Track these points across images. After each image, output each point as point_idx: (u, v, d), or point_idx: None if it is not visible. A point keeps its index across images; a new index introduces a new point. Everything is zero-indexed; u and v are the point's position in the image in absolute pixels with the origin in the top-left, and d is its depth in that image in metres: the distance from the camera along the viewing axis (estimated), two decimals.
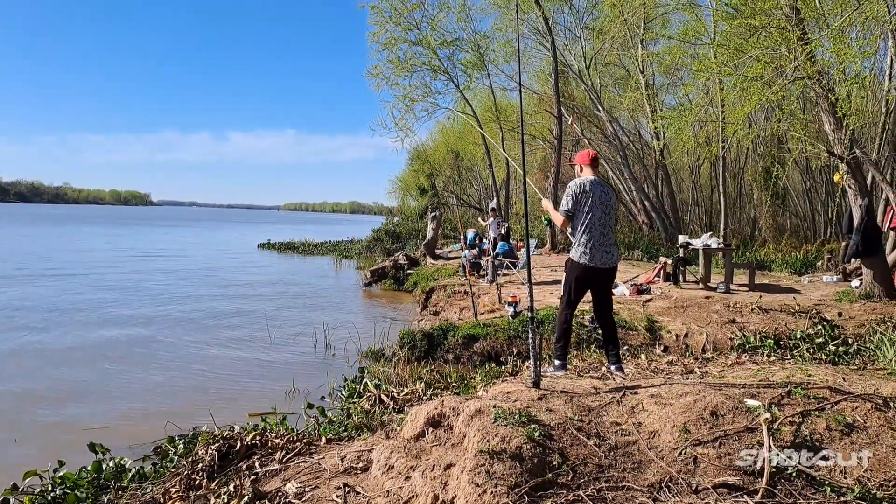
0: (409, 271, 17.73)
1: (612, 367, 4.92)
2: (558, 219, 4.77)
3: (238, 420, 5.93)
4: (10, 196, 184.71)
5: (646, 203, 22.55)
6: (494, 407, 3.14)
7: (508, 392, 3.69)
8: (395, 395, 5.49)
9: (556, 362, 4.86)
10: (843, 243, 16.88)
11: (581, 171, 4.98)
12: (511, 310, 9.27)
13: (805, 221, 24.32)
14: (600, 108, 22.38)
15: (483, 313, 10.16)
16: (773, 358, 6.85)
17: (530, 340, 3.86)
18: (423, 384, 5.74)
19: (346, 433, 4.37)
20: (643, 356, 6.89)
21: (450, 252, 20.97)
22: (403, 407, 5.35)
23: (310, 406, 5.96)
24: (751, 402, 3.16)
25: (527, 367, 5.40)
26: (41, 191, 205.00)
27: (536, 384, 3.79)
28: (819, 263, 16.52)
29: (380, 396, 5.40)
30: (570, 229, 4.80)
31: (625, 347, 7.75)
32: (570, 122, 20.96)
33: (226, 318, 12.32)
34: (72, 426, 6.36)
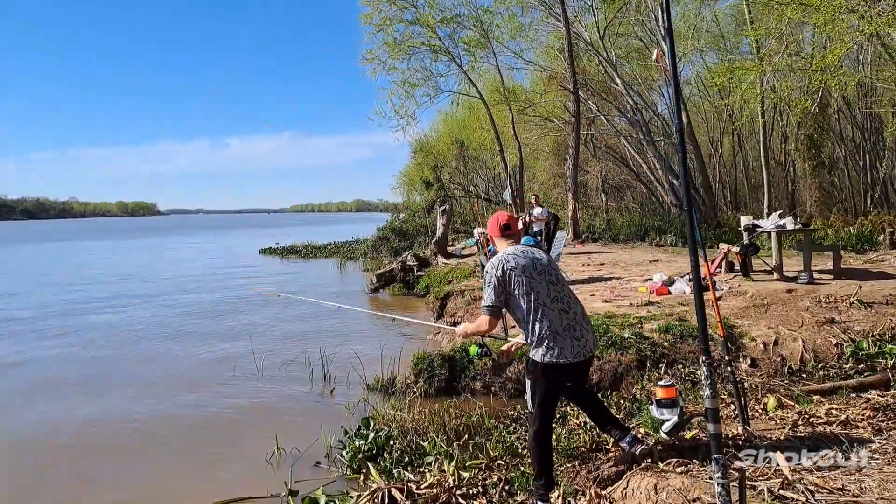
0: (419, 273, 15.80)
1: (625, 442, 3.73)
2: (481, 326, 3.47)
3: None
4: (16, 213, 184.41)
5: (674, 182, 20.54)
6: None
7: None
8: (413, 486, 3.57)
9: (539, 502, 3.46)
10: None
11: (494, 244, 3.75)
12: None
13: (844, 192, 22.32)
14: (618, 82, 20.41)
15: (513, 326, 8.28)
16: None
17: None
18: (453, 466, 3.80)
19: None
20: (772, 401, 5.01)
21: (463, 249, 19.08)
22: None
23: (292, 493, 4.18)
24: None
25: (620, 447, 3.55)
26: (47, 206, 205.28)
27: None
28: (881, 238, 14.54)
29: (390, 492, 3.50)
30: (509, 326, 3.81)
31: None
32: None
33: (204, 343, 10.45)
34: None
